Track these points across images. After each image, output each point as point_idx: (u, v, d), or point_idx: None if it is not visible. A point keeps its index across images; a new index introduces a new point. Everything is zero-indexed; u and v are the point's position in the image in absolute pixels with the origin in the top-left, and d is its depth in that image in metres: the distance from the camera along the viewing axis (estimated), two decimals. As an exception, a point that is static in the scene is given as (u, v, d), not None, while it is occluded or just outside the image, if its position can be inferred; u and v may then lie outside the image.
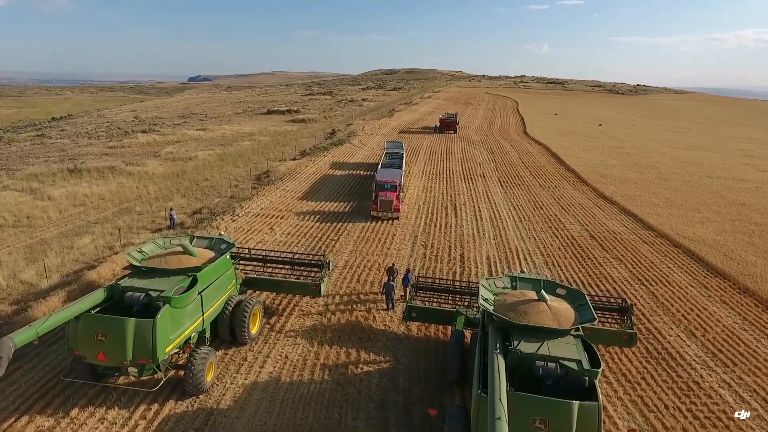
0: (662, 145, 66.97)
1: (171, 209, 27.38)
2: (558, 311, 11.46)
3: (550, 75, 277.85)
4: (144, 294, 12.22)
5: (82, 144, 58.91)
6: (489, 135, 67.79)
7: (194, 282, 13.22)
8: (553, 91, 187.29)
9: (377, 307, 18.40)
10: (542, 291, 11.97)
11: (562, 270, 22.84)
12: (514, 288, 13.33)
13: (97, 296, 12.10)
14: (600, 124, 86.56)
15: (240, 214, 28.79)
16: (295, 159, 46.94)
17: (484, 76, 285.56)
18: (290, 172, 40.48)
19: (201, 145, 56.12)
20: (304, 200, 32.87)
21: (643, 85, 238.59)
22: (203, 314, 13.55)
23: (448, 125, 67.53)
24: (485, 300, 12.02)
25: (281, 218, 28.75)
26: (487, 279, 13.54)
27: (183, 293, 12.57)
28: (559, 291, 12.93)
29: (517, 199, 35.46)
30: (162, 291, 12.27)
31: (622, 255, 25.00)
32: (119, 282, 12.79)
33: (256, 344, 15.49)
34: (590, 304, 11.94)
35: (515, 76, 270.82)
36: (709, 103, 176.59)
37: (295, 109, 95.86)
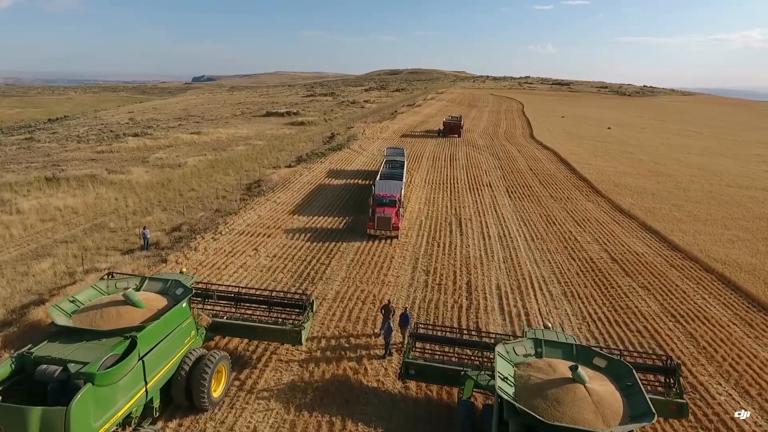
0: (676, 150, 63.94)
1: (144, 227, 24.65)
2: (600, 399, 8.65)
3: (555, 76, 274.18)
4: (61, 368, 9.42)
5: (70, 148, 56.27)
6: (494, 139, 64.89)
7: (133, 345, 10.41)
8: (558, 93, 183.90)
9: (370, 354, 15.62)
10: (579, 369, 9.08)
11: (583, 303, 20.00)
12: (539, 355, 10.48)
13: (1, 371, 9.35)
14: (609, 128, 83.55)
15: (223, 232, 26.05)
16: (289, 166, 44.20)
17: (488, 76, 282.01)
18: (283, 182, 37.74)
19: (193, 150, 53.47)
20: (296, 214, 30.11)
21: (650, 87, 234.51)
22: (146, 384, 10.74)
23: (451, 128, 64.86)
24: (504, 379, 9.17)
25: (268, 236, 25.99)
26: (504, 344, 10.60)
27: (114, 365, 9.70)
28: (598, 362, 10.04)
29: (528, 212, 32.61)
30: (86, 363, 9.47)
31: (649, 283, 22.12)
32: (33, 349, 9.97)
33: (219, 410, 12.70)
34: (641, 385, 9.10)
35: (520, 77, 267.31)
36: (717, 105, 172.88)
37: (295, 111, 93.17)
